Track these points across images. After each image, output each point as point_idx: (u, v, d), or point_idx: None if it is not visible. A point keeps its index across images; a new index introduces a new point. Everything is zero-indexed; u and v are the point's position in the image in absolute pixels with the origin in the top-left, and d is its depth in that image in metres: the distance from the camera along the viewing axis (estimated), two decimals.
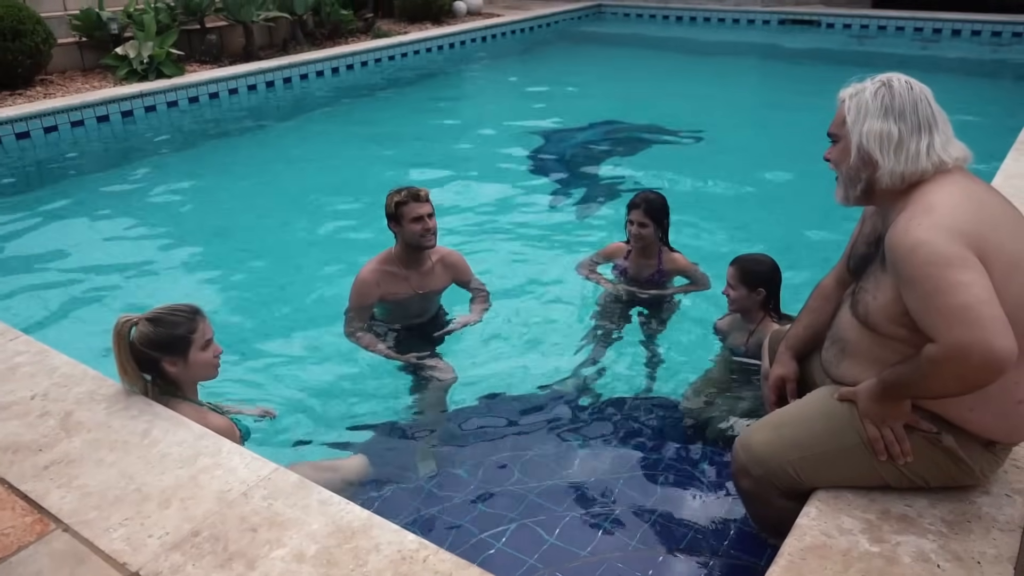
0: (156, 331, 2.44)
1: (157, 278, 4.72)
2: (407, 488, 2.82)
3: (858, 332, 2.08)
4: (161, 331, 2.44)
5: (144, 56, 8.72)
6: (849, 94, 2.04)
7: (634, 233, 3.73)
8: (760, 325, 3.22)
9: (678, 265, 3.88)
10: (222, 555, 1.92)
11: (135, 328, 2.44)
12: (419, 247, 3.50)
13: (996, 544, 1.90)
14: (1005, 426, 1.97)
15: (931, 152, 1.92)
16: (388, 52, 11.24)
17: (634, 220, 3.71)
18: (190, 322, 2.50)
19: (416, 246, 3.50)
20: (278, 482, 2.17)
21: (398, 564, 1.86)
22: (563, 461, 2.94)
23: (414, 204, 3.41)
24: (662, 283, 3.91)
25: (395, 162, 6.95)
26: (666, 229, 3.80)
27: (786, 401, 2.35)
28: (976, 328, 1.70)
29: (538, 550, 2.46)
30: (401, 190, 3.46)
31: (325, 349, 3.82)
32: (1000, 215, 1.89)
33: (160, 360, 2.47)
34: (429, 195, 3.47)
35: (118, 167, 6.98)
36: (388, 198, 3.48)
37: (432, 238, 3.48)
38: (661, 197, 3.75)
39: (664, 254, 3.85)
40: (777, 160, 6.85)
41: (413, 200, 3.41)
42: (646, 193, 3.79)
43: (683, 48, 13.01)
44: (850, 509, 2.02)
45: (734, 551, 2.44)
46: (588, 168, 6.75)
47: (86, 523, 2.04)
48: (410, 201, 3.41)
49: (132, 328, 2.44)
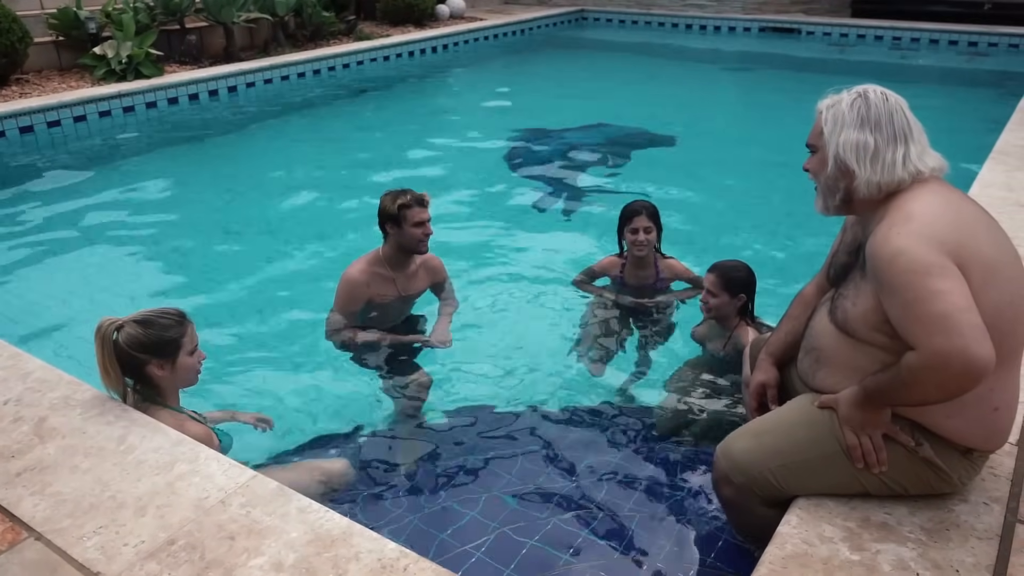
0: (147, 333, 2.40)
1: (134, 281, 4.66)
2: (388, 494, 2.80)
3: (835, 339, 2.09)
4: (152, 333, 2.41)
5: (122, 56, 8.63)
6: (826, 105, 2.06)
7: (640, 241, 3.66)
8: (737, 330, 3.25)
9: (676, 271, 3.84)
10: (199, 564, 1.89)
11: (122, 330, 2.40)
12: (414, 251, 3.50)
13: (974, 552, 1.91)
14: (982, 433, 1.99)
15: (907, 162, 1.94)
16: (370, 55, 11.21)
17: (639, 227, 3.64)
18: (180, 326, 2.47)
19: (412, 250, 3.50)
20: (256, 489, 2.14)
21: (378, 573, 1.85)
22: (545, 468, 2.93)
23: (418, 209, 3.39)
24: (662, 291, 3.88)
25: (376, 166, 6.92)
26: (661, 233, 3.76)
27: (767, 408, 2.36)
28: (955, 336, 1.72)
29: (518, 557, 2.44)
30: (404, 192, 3.42)
31: (305, 354, 3.79)
32: (977, 223, 1.91)
33: (148, 363, 2.43)
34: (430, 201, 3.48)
35: (95, 168, 6.89)
36: (387, 199, 3.44)
37: (427, 244, 3.49)
38: (651, 201, 3.74)
39: (660, 261, 3.82)
40: (755, 167, 6.90)
41: (418, 204, 3.39)
42: (639, 200, 3.75)
43: (665, 54, 13.08)
44: (831, 517, 2.03)
45: (717, 561, 2.43)
46: (570, 173, 6.75)
47: (59, 531, 2.01)
48: (414, 205, 3.39)
49: (117, 330, 2.39)
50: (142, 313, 2.46)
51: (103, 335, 2.39)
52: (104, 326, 2.40)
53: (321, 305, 3.71)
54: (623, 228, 3.73)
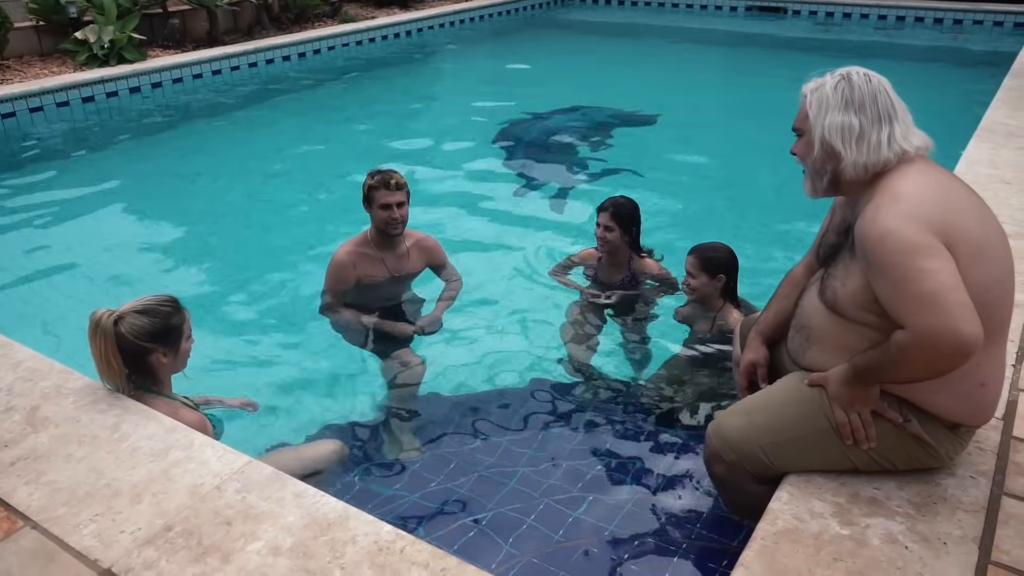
0: (152, 322, 2.39)
1: (120, 267, 4.63)
2: (383, 476, 2.82)
3: (825, 318, 2.11)
4: (157, 321, 2.40)
5: (104, 41, 8.52)
6: (810, 89, 2.07)
7: (599, 236, 3.66)
8: (721, 311, 3.27)
9: (648, 270, 3.78)
10: (196, 549, 1.90)
11: (123, 320, 2.37)
12: (385, 233, 3.50)
13: (961, 525, 1.95)
14: (969, 408, 2.02)
15: (892, 142, 1.96)
16: (355, 37, 11.12)
17: (600, 223, 3.63)
18: (179, 312, 2.47)
19: (383, 232, 3.50)
20: (251, 475, 2.15)
21: (375, 555, 1.86)
22: (538, 448, 2.96)
23: (384, 191, 3.40)
24: (634, 288, 3.82)
25: (361, 149, 6.89)
26: (635, 236, 3.71)
27: (757, 387, 2.38)
28: (944, 314, 1.74)
29: (514, 536, 2.47)
30: (376, 173, 3.44)
31: (297, 338, 3.80)
32: (964, 201, 1.93)
33: (153, 352, 2.42)
34: (403, 183, 3.44)
35: (79, 154, 6.83)
36: (366, 178, 3.46)
37: (398, 226, 3.47)
38: (631, 202, 3.67)
39: (634, 261, 3.76)
40: (742, 149, 6.92)
41: (383, 187, 3.40)
42: (616, 198, 3.70)
43: (650, 35, 13.03)
44: (821, 493, 2.06)
45: (708, 533, 2.47)
46: (556, 154, 6.75)
47: (55, 520, 2.01)
48: (381, 188, 3.40)
49: (117, 321, 2.37)
50: (139, 302, 2.44)
51: (103, 327, 2.35)
52: (103, 318, 2.36)
53: (310, 288, 3.70)
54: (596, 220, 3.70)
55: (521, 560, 2.36)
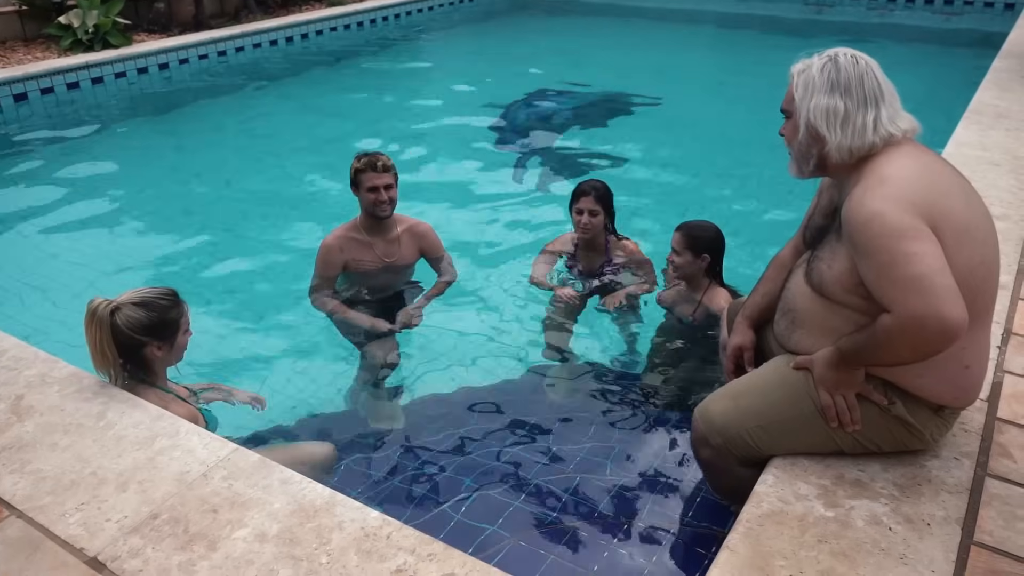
0: (148, 315, 2.37)
1: (106, 255, 4.60)
2: (370, 460, 2.82)
3: (811, 300, 2.11)
4: (154, 315, 2.38)
5: (89, 25, 8.42)
6: (798, 70, 2.06)
7: (584, 223, 3.55)
8: (706, 293, 3.23)
9: (627, 252, 3.72)
10: (182, 537, 1.90)
11: (119, 312, 2.35)
12: (373, 216, 3.48)
13: (945, 506, 1.96)
14: (953, 390, 2.02)
15: (878, 126, 1.95)
16: (344, 20, 11.03)
17: (584, 208, 3.53)
18: (177, 306, 2.46)
19: (371, 215, 3.48)
20: (238, 462, 2.15)
21: (361, 541, 1.86)
22: (524, 436, 2.95)
23: (371, 174, 3.37)
24: (617, 269, 3.76)
25: (351, 134, 6.84)
26: (613, 216, 3.66)
27: (744, 370, 2.39)
28: (930, 297, 1.74)
29: (502, 518, 2.47)
30: (363, 156, 3.42)
31: (287, 326, 3.78)
32: (950, 184, 1.93)
33: (147, 345, 2.40)
34: (390, 165, 3.41)
35: (64, 141, 6.76)
36: (353, 162, 3.44)
37: (387, 208, 3.44)
38: (605, 183, 3.61)
39: (613, 243, 3.71)
40: (734, 129, 6.90)
41: (370, 169, 3.37)
42: (592, 181, 3.63)
43: (640, 15, 12.97)
44: (806, 475, 2.07)
45: (696, 519, 2.48)
46: (547, 138, 6.72)
47: (41, 509, 2.00)
48: (367, 170, 3.38)
49: (114, 312, 2.35)
50: (138, 294, 2.42)
51: (98, 317, 2.33)
52: (99, 308, 2.34)
53: (300, 277, 3.68)
54: (572, 206, 3.62)
55: (510, 543, 2.37)
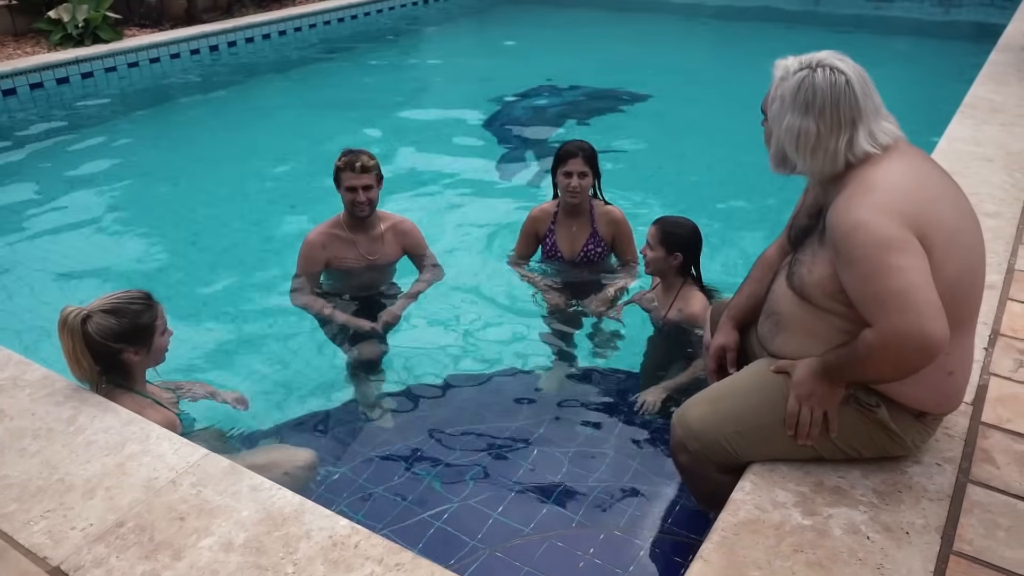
0: (120, 322, 2.33)
1: (93, 253, 4.56)
2: (353, 465, 2.78)
3: (793, 304, 2.07)
4: (125, 322, 2.34)
5: (79, 20, 8.37)
6: (779, 76, 1.98)
7: (573, 186, 3.39)
8: (679, 294, 3.15)
9: (613, 218, 3.56)
10: (147, 546, 1.86)
11: (90, 320, 2.31)
12: (352, 215, 3.45)
13: (925, 514, 1.92)
14: (936, 397, 1.98)
15: (853, 146, 1.88)
16: (337, 14, 10.97)
17: (572, 171, 3.35)
18: (151, 309, 2.41)
19: (350, 213, 3.45)
20: (208, 468, 2.11)
21: (328, 551, 1.83)
22: (505, 441, 2.91)
23: (349, 174, 3.34)
24: (601, 248, 3.64)
25: (343, 128, 6.80)
26: (599, 177, 3.47)
27: (727, 371, 2.35)
28: (911, 313, 1.71)
29: (481, 528, 2.44)
30: (346, 154, 3.38)
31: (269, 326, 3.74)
32: (939, 188, 1.88)
33: (123, 351, 2.36)
34: (370, 166, 3.35)
35: (53, 137, 6.71)
36: (336, 159, 3.41)
37: (364, 209, 3.41)
38: (590, 143, 3.45)
39: (597, 208, 3.54)
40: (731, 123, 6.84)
41: (348, 169, 3.34)
42: (577, 141, 3.44)
43: (635, 7, 12.88)
44: (784, 482, 2.03)
45: (676, 528, 2.44)
46: (542, 132, 6.67)
47: (5, 516, 1.97)
48: (346, 169, 3.35)
49: (84, 320, 2.30)
50: (108, 300, 2.37)
51: (70, 326, 2.29)
52: (70, 317, 2.30)
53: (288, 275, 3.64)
54: (556, 170, 3.45)
55: (485, 554, 2.33)
